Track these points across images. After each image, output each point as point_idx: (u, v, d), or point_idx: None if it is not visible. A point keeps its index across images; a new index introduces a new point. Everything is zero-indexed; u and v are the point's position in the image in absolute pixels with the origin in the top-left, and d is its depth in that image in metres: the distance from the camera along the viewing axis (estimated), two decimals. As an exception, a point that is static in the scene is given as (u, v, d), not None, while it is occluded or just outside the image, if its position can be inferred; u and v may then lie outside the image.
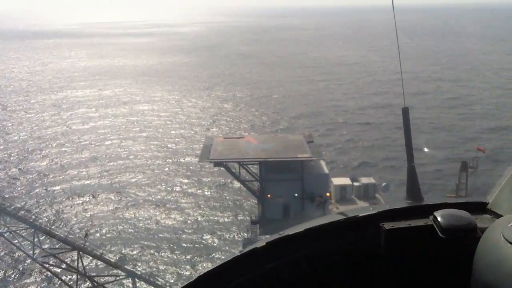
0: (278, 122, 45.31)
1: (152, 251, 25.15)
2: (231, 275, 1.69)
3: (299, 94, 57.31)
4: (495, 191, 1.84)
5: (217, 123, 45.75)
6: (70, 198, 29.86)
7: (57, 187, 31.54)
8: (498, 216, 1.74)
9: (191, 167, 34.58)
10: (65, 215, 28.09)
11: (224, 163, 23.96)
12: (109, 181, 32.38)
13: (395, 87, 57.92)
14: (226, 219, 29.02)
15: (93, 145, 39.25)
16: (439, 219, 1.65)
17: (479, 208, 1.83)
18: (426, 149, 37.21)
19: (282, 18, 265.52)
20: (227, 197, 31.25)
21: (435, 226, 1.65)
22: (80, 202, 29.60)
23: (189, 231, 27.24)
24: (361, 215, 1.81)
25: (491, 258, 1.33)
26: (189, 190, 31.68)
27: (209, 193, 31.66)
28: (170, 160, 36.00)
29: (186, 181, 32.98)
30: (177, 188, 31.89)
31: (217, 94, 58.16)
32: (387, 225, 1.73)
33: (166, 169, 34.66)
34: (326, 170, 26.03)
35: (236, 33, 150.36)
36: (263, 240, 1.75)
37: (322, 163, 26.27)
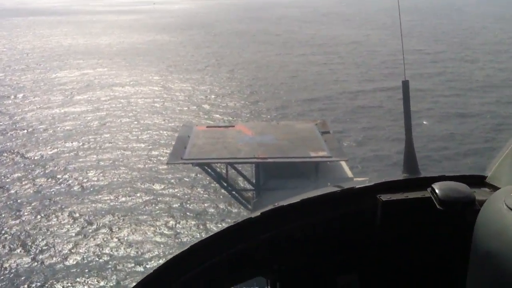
0: (278, 108, 40.07)
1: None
2: (225, 244, 1.71)
3: (300, 75, 51.82)
4: (494, 164, 1.85)
5: (208, 109, 40.23)
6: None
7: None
8: (496, 189, 1.71)
9: (160, 167, 27.34)
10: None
11: (205, 165, 16.25)
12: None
13: (401, 69, 53.51)
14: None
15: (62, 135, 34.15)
16: (437, 191, 1.67)
17: (478, 181, 1.84)
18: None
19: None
20: (210, 208, 22.92)
21: (433, 198, 1.68)
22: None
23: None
24: (357, 187, 1.82)
25: (493, 227, 1.31)
26: (161, 193, 24.63)
27: (186, 203, 23.33)
28: (139, 158, 29.48)
29: (157, 183, 25.56)
30: (145, 191, 24.78)
31: (210, 76, 52.73)
32: (384, 197, 1.74)
33: (135, 168, 28.08)
34: (351, 174, 17.64)
35: (231, 11, 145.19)
36: (258, 211, 1.75)
37: (344, 164, 17.78)
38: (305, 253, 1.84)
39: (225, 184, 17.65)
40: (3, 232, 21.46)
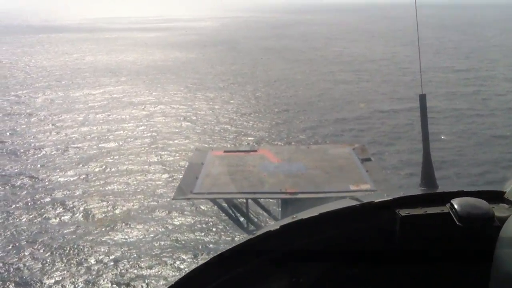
0: (306, 129, 37.90)
1: None
2: (244, 257, 1.74)
3: (328, 94, 49.72)
4: None
5: (230, 129, 38.15)
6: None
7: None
8: None
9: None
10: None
11: (219, 200, 13.92)
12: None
13: (435, 87, 51.54)
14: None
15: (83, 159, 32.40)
16: (456, 207, 1.69)
17: (496, 197, 1.84)
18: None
19: (301, 14, 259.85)
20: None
21: (452, 214, 1.70)
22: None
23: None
24: (376, 201, 1.84)
25: None
26: (172, 226, 22.40)
27: (200, 240, 21.08)
28: (153, 184, 27.56)
29: (171, 214, 23.40)
30: (155, 223, 22.69)
31: (234, 94, 50.86)
32: (403, 212, 1.76)
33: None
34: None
35: (255, 28, 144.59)
36: (277, 223, 1.81)
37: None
38: (322, 267, 1.81)
39: (245, 222, 14.84)
40: None
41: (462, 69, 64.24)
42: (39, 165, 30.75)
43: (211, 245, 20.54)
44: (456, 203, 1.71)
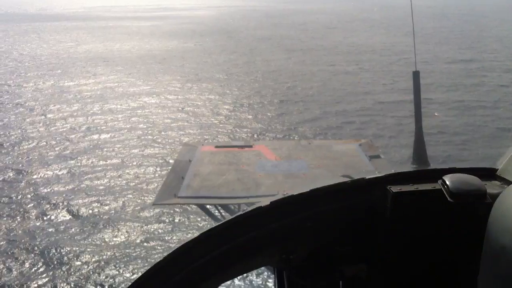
0: (307, 121, 36.32)
1: None
2: (234, 233, 1.74)
3: (329, 85, 48.16)
4: (505, 157, 1.86)
5: (226, 122, 36.58)
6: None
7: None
8: (508, 182, 1.76)
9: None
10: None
11: (207, 206, 12.72)
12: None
13: (443, 78, 50.12)
14: None
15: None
16: (448, 183, 1.67)
17: (489, 174, 1.84)
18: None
19: (298, 3, 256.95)
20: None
21: (443, 190, 1.69)
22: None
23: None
24: (367, 177, 1.83)
25: (508, 222, 1.32)
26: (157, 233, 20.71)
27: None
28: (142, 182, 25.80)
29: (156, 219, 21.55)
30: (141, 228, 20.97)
31: (232, 84, 49.23)
32: (394, 188, 1.76)
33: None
34: None
35: (254, 17, 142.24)
36: (267, 199, 1.77)
37: None
38: (313, 243, 1.82)
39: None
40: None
41: (465, 59, 62.65)
42: (25, 159, 29.24)
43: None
44: (447, 179, 1.68)
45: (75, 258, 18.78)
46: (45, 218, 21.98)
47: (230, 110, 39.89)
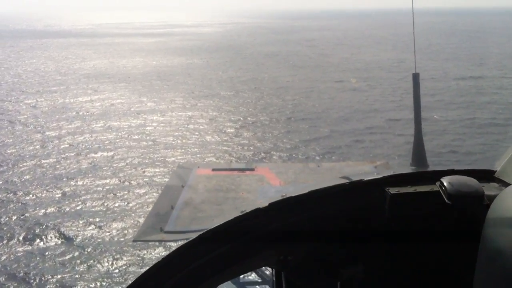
0: (314, 141, 34.87)
1: None
2: (233, 234, 1.75)
3: (338, 103, 46.82)
4: (503, 159, 1.87)
5: (229, 141, 35.02)
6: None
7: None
8: (506, 184, 1.75)
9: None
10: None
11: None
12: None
13: (452, 95, 48.84)
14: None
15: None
16: (445, 185, 1.68)
17: (486, 176, 1.84)
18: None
19: (305, 20, 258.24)
20: None
21: (441, 192, 1.69)
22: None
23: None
24: (366, 179, 1.83)
25: (504, 224, 1.33)
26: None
27: None
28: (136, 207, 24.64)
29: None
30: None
31: (238, 102, 47.98)
32: (393, 190, 1.75)
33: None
34: None
35: (260, 34, 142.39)
36: (265, 201, 1.79)
37: None
38: (311, 245, 1.82)
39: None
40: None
41: (475, 76, 61.41)
42: (19, 179, 27.94)
43: None
44: (446, 181, 1.68)
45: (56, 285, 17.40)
46: (32, 242, 20.62)
47: (235, 128, 38.61)
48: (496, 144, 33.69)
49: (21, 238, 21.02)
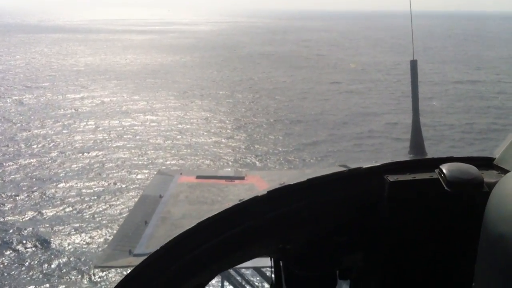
0: (310, 145, 33.46)
1: None
2: (230, 222, 1.75)
3: (335, 105, 45.59)
4: (502, 146, 1.89)
5: (219, 146, 33.43)
6: None
7: None
8: (505, 171, 1.77)
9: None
10: None
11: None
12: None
13: (452, 100, 47.80)
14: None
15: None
16: (445, 172, 1.67)
17: (486, 163, 1.85)
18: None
19: (302, 20, 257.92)
20: None
21: (440, 179, 1.68)
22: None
23: None
24: (364, 167, 1.83)
25: (505, 210, 1.34)
26: None
27: None
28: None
29: None
30: None
31: (231, 103, 46.66)
32: (391, 177, 1.75)
33: None
34: None
35: (256, 33, 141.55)
36: (264, 190, 1.80)
37: None
38: (310, 233, 1.84)
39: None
40: None
41: (473, 80, 60.54)
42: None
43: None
44: (445, 168, 1.67)
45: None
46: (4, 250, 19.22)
47: (229, 129, 37.29)
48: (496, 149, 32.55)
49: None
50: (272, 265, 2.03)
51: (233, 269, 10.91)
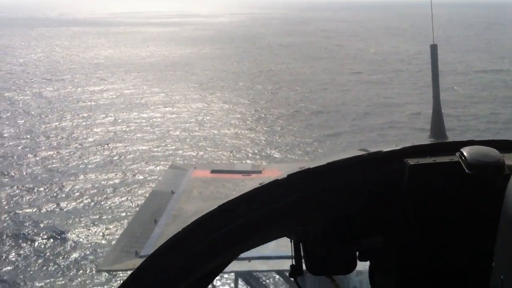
0: (332, 139, 32.88)
1: None
2: (251, 205, 1.77)
3: (357, 96, 44.90)
4: None
5: (240, 138, 33.09)
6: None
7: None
8: None
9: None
10: None
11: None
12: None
13: (476, 89, 46.85)
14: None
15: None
16: (466, 155, 1.66)
17: (507, 146, 1.84)
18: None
19: (319, 11, 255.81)
20: None
21: (461, 162, 1.66)
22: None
23: None
24: (384, 150, 1.82)
25: None
26: None
27: None
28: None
29: None
30: None
31: (252, 94, 46.25)
32: (412, 161, 1.74)
33: None
34: None
35: (274, 24, 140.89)
36: (284, 173, 1.82)
37: None
38: (330, 215, 1.86)
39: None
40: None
41: (496, 70, 59.50)
42: (14, 173, 26.47)
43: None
44: (466, 151, 1.65)
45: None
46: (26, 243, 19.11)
47: (248, 121, 36.95)
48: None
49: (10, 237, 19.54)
50: (293, 246, 2.01)
51: (250, 271, 10.52)
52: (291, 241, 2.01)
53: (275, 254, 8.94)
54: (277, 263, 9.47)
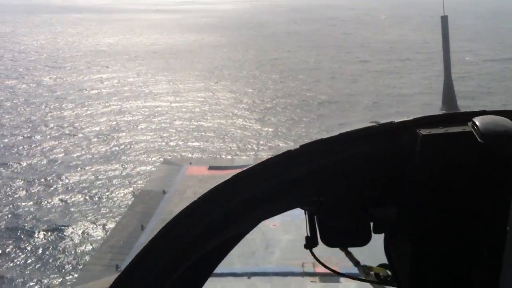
0: (338, 128, 32.13)
1: None
2: (264, 176, 1.80)
3: (365, 87, 43.84)
4: None
5: (243, 129, 32.30)
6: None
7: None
8: None
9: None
10: None
11: None
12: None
13: (485, 79, 45.85)
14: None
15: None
16: (478, 124, 1.68)
17: None
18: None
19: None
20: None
21: (473, 131, 1.69)
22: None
23: None
24: (396, 121, 1.85)
25: None
26: None
27: None
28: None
29: None
30: None
31: (257, 83, 45.45)
32: (424, 131, 1.75)
33: None
34: None
35: (279, 12, 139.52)
36: (297, 144, 1.85)
37: None
38: (343, 186, 1.88)
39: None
40: None
41: (506, 58, 58.43)
42: (12, 163, 25.76)
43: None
44: (478, 121, 1.67)
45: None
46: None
47: (255, 111, 36.20)
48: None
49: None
50: (307, 218, 2.00)
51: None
52: (305, 213, 1.99)
53: (277, 270, 7.76)
54: (279, 282, 8.10)
